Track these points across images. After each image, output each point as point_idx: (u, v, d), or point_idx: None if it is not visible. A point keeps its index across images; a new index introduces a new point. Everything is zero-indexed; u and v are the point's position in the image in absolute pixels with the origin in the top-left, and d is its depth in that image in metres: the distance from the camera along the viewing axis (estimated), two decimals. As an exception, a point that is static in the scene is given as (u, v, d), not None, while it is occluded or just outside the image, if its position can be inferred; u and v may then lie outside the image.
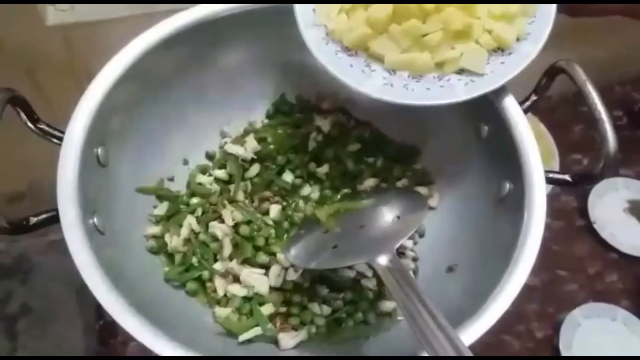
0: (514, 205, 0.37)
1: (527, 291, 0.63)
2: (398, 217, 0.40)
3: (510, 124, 0.38)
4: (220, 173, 0.46)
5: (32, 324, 0.54)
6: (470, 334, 0.32)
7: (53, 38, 0.48)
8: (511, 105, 0.38)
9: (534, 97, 0.39)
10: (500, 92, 0.38)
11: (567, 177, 0.37)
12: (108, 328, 0.57)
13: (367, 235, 0.38)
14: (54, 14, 0.47)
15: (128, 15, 0.49)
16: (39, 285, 0.56)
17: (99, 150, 0.38)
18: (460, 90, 0.36)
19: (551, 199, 0.68)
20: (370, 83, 0.37)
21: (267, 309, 0.41)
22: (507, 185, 0.39)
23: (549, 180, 0.36)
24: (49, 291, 0.56)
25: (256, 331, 0.39)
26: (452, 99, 0.36)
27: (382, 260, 0.34)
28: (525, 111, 0.39)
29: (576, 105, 0.73)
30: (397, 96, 0.36)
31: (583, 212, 0.67)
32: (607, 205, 0.68)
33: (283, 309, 0.41)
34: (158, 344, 0.31)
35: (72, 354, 0.54)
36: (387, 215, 0.40)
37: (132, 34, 0.40)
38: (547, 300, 0.63)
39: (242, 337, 0.39)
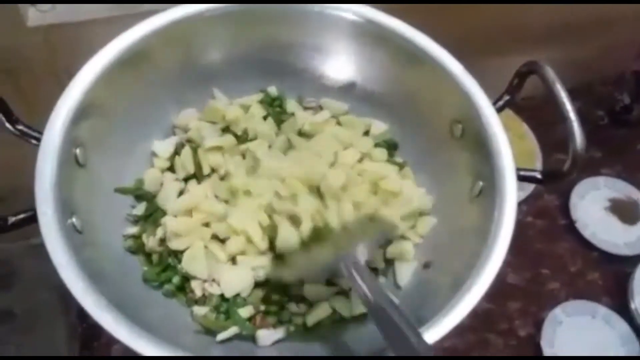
0: (486, 203, 0.37)
1: (510, 290, 0.65)
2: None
3: (483, 123, 0.38)
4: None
5: (14, 330, 0.54)
6: (448, 322, 0.33)
7: (34, 39, 0.48)
8: (484, 105, 0.39)
9: (506, 97, 0.40)
10: (473, 91, 0.39)
11: (536, 174, 0.38)
12: (91, 331, 0.56)
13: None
14: (34, 15, 0.47)
15: (109, 16, 0.49)
16: (22, 290, 0.56)
17: (77, 150, 0.38)
18: None
19: (533, 198, 0.69)
20: None
21: (245, 309, 0.41)
22: (480, 183, 0.39)
23: (520, 178, 0.37)
24: (31, 296, 0.55)
25: (234, 330, 0.39)
26: None
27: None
28: (498, 110, 0.39)
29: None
30: None
31: (565, 211, 0.68)
32: (588, 204, 0.68)
33: (262, 307, 0.41)
34: (137, 341, 0.31)
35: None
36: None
37: (113, 34, 0.40)
38: (529, 299, 0.64)
39: (220, 336, 0.39)
